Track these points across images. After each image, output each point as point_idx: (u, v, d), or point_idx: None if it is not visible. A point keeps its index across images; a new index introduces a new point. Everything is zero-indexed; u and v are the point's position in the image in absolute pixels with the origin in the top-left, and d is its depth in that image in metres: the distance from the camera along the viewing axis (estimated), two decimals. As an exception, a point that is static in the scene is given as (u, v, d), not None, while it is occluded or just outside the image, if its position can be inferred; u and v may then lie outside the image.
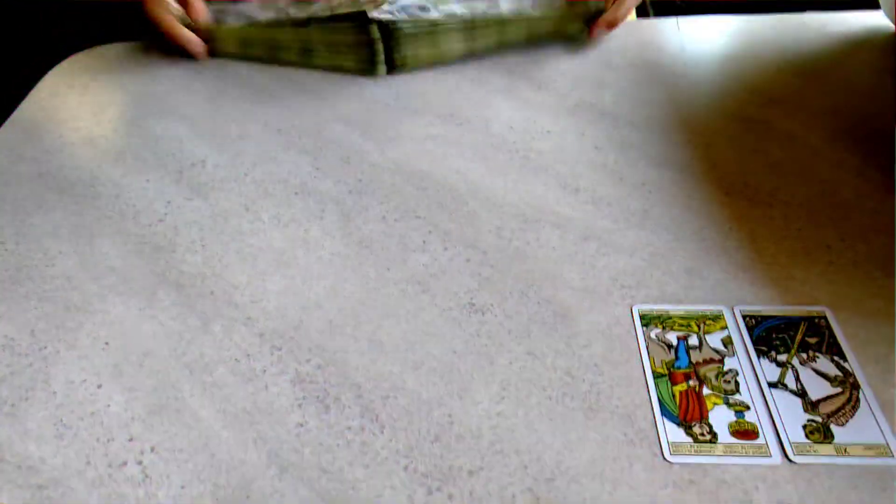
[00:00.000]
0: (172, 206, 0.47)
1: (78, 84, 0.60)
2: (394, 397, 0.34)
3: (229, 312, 0.39)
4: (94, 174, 0.50)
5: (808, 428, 0.32)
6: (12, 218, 0.46)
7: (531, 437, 0.32)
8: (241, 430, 0.33)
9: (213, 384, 0.35)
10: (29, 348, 0.37)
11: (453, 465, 0.31)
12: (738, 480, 0.30)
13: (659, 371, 0.35)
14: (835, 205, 0.44)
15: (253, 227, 0.45)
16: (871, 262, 0.40)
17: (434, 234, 0.43)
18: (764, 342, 0.36)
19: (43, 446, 0.32)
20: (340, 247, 0.43)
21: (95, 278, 0.41)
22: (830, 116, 0.52)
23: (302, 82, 0.58)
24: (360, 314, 0.38)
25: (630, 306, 0.38)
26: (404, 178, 0.48)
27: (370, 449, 0.32)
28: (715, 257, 0.41)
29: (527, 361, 0.35)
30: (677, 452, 0.31)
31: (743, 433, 0.32)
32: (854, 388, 0.33)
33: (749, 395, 0.33)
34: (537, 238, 0.43)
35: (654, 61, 0.60)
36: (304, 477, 0.31)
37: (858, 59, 0.59)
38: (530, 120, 0.53)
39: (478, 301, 0.39)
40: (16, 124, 0.56)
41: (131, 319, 0.39)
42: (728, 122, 0.53)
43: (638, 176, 0.47)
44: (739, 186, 0.46)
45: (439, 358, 0.36)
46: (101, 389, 0.35)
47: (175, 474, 0.31)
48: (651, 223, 0.43)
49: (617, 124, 0.53)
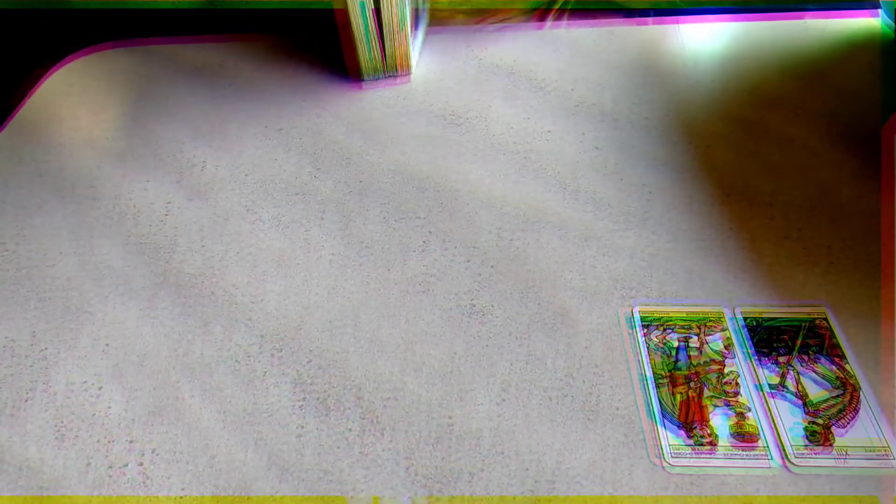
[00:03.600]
0: (173, 207, 0.46)
1: (79, 86, 0.60)
2: (394, 399, 0.34)
3: (230, 313, 0.39)
4: (94, 175, 0.50)
5: (808, 430, 0.32)
6: (13, 219, 0.46)
7: (532, 439, 0.32)
8: (241, 431, 0.33)
9: (214, 386, 0.35)
10: (29, 350, 0.37)
11: (454, 467, 0.31)
12: (738, 483, 0.30)
13: (659, 373, 0.35)
14: (834, 206, 0.44)
15: (253, 228, 0.44)
16: (870, 263, 0.40)
17: (434, 236, 0.43)
18: (765, 344, 0.36)
19: (44, 448, 0.32)
20: (341, 248, 0.43)
21: (96, 279, 0.41)
22: (829, 119, 0.52)
23: (302, 84, 0.58)
24: (361, 315, 0.38)
25: (630, 307, 0.38)
26: (405, 180, 0.48)
27: (371, 451, 0.32)
28: (715, 258, 0.41)
29: (527, 363, 0.35)
30: (678, 455, 0.31)
31: (743, 435, 0.32)
32: (854, 389, 0.33)
33: (749, 397, 0.33)
34: (537, 239, 0.43)
35: (655, 63, 0.60)
36: (305, 478, 0.31)
37: (857, 62, 0.59)
38: (531, 121, 0.53)
39: (478, 302, 0.39)
40: (17, 126, 0.56)
41: (131, 320, 0.39)
42: (728, 124, 0.53)
43: (638, 177, 0.47)
44: (739, 188, 0.46)
45: (440, 359, 0.36)
46: (101, 391, 0.35)
47: (175, 476, 0.31)
48: (651, 224, 0.43)
49: (617, 126, 0.53)
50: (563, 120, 0.54)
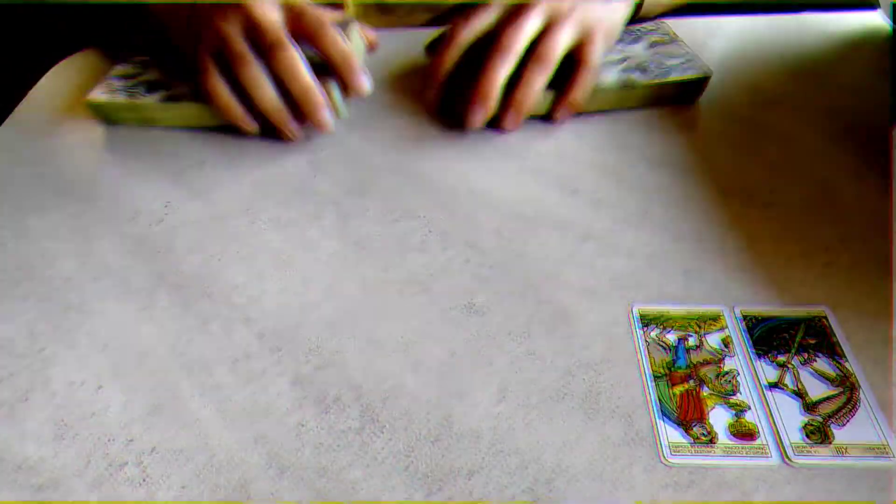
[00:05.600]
0: (171, 207, 0.47)
1: (77, 84, 0.60)
2: (393, 398, 0.34)
3: (228, 313, 0.39)
4: (92, 175, 0.50)
5: (807, 428, 0.32)
6: (11, 218, 0.46)
7: (531, 438, 0.32)
8: (240, 430, 0.33)
9: (213, 385, 0.35)
10: (28, 349, 0.37)
11: (453, 466, 0.31)
12: (737, 481, 0.30)
13: (658, 371, 0.35)
14: (833, 205, 0.44)
15: (252, 228, 0.45)
16: (869, 262, 0.40)
17: (433, 235, 0.43)
18: (763, 342, 0.36)
19: (42, 447, 0.32)
20: (339, 247, 0.43)
21: (94, 279, 0.41)
22: (829, 117, 0.52)
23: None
24: (359, 314, 0.38)
25: (629, 306, 0.38)
26: (403, 179, 0.48)
27: (370, 449, 0.32)
28: (714, 258, 0.41)
29: (526, 362, 0.36)
30: (676, 453, 0.31)
31: (742, 434, 0.32)
32: (853, 388, 0.33)
33: (748, 395, 0.33)
34: (536, 238, 0.43)
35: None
36: (304, 477, 0.31)
37: (857, 60, 0.60)
38: (529, 120, 0.53)
39: (477, 301, 0.39)
40: (15, 124, 0.56)
41: (130, 320, 0.39)
42: (727, 122, 0.53)
43: (637, 177, 0.48)
44: (738, 187, 0.46)
45: (438, 358, 0.36)
46: (100, 390, 0.35)
47: (175, 475, 0.31)
48: (650, 224, 0.44)
49: (616, 125, 0.53)
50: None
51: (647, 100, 0.53)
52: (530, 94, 0.47)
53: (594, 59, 0.49)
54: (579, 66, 0.48)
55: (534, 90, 0.47)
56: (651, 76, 0.52)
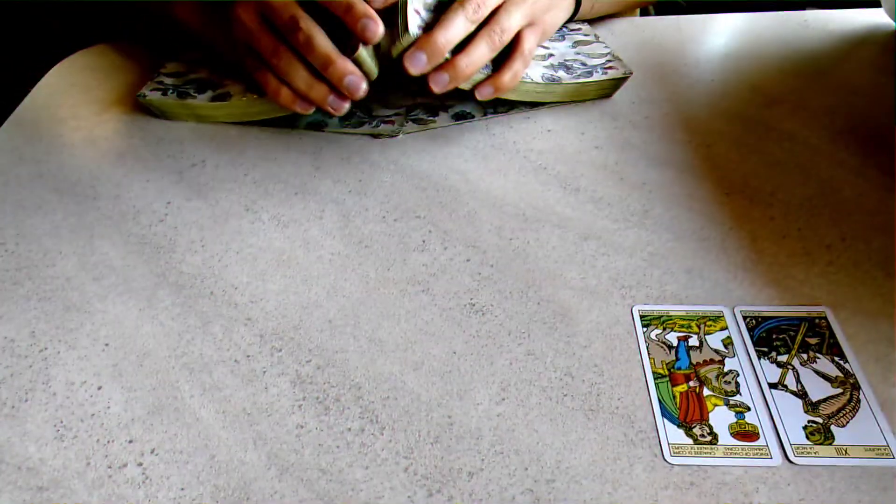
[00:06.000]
0: (172, 206, 0.47)
1: (79, 83, 0.60)
2: (394, 398, 0.34)
3: (229, 313, 0.39)
4: (94, 174, 0.50)
5: (808, 429, 0.32)
6: (12, 218, 0.46)
7: (531, 438, 0.32)
8: (240, 431, 0.33)
9: (213, 385, 0.35)
10: (29, 349, 0.37)
11: (453, 467, 0.31)
12: (738, 482, 0.30)
13: (659, 372, 0.35)
14: (835, 204, 0.44)
15: (253, 228, 0.45)
16: (871, 261, 0.40)
17: (434, 234, 0.43)
18: (764, 343, 0.36)
19: (43, 448, 0.33)
20: (340, 247, 0.43)
21: (95, 278, 0.41)
22: (831, 116, 0.52)
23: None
24: (360, 314, 0.38)
25: (630, 306, 0.38)
26: (404, 178, 0.48)
27: (370, 450, 0.32)
28: (715, 257, 0.41)
29: (527, 362, 0.35)
30: (678, 454, 0.31)
31: (743, 434, 0.32)
32: (854, 388, 0.33)
33: (749, 396, 0.33)
34: (537, 238, 0.43)
35: (655, 60, 0.60)
36: (304, 478, 0.31)
37: (859, 58, 0.59)
38: (530, 119, 0.53)
39: (478, 301, 0.39)
40: (16, 124, 0.56)
41: (131, 320, 0.39)
42: (728, 121, 0.52)
43: (638, 176, 0.47)
44: (740, 186, 0.46)
45: (439, 358, 0.36)
46: (101, 391, 0.35)
47: (175, 476, 0.31)
48: (651, 223, 0.43)
49: (617, 124, 0.53)
50: (563, 118, 0.54)
51: (568, 96, 0.54)
52: (472, 65, 0.44)
53: (531, 48, 0.48)
54: (515, 51, 0.47)
55: (476, 63, 0.44)
56: (575, 75, 0.53)
